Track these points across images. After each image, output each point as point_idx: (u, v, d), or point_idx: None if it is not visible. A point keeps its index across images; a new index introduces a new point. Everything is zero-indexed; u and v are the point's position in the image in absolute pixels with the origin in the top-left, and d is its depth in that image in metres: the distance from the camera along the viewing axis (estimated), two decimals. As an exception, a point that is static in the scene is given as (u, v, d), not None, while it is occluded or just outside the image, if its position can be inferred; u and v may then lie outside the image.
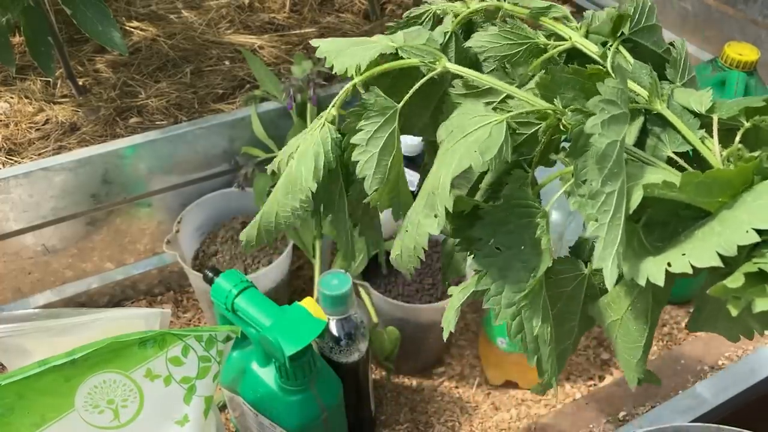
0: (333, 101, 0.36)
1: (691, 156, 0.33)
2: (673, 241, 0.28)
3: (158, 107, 0.93)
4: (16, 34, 1.07)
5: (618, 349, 0.34)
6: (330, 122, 0.35)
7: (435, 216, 0.31)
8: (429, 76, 0.34)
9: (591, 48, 0.36)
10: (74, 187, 0.80)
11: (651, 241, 0.29)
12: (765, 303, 0.24)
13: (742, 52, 0.75)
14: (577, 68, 0.32)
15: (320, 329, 0.56)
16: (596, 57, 0.36)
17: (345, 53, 0.35)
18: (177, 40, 1.08)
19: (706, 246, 0.26)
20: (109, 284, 0.87)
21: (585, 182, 0.27)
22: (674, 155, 0.32)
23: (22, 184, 0.77)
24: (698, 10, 1.14)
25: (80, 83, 0.97)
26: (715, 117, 0.32)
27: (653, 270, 0.27)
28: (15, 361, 0.57)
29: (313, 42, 0.38)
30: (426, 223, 0.31)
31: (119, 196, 0.83)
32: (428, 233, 0.31)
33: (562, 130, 0.32)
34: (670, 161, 0.32)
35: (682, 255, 0.26)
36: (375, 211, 0.39)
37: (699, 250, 0.26)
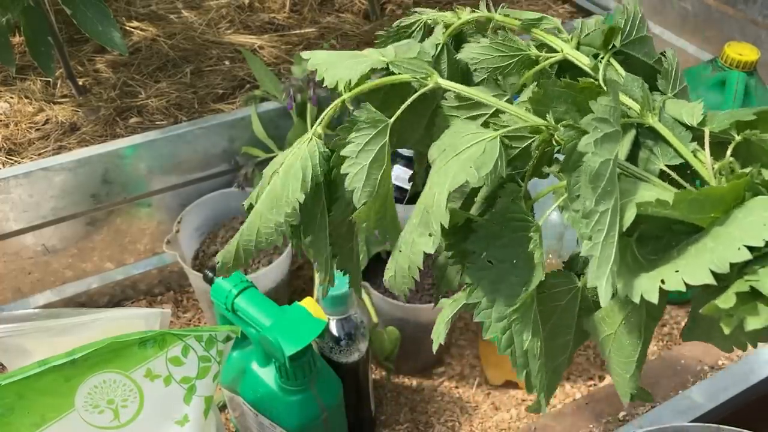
0: (321, 117, 0.35)
1: (684, 167, 0.33)
2: (666, 255, 0.28)
3: (158, 107, 0.93)
4: (16, 34, 1.07)
5: (611, 364, 0.34)
6: (318, 137, 0.34)
7: (430, 234, 0.30)
8: (420, 92, 0.34)
9: (582, 60, 0.36)
10: (74, 187, 0.80)
11: (644, 254, 0.29)
12: (756, 321, 0.25)
13: (742, 52, 0.76)
14: (569, 82, 0.32)
15: (320, 329, 0.56)
16: (588, 69, 0.36)
17: (336, 67, 0.35)
18: (177, 40, 1.08)
19: (699, 263, 0.26)
20: (109, 284, 0.87)
21: (578, 197, 0.27)
22: (667, 168, 0.32)
23: (22, 184, 0.77)
24: (698, 10, 1.14)
25: (80, 83, 0.97)
26: (706, 130, 0.32)
27: (647, 287, 0.27)
28: (15, 361, 0.57)
29: (303, 54, 0.37)
30: (420, 242, 0.31)
31: (119, 196, 0.83)
32: (423, 252, 0.31)
33: (554, 144, 0.32)
34: (662, 174, 0.32)
35: (676, 272, 0.26)
36: (354, 239, 0.39)
37: (692, 267, 0.26)
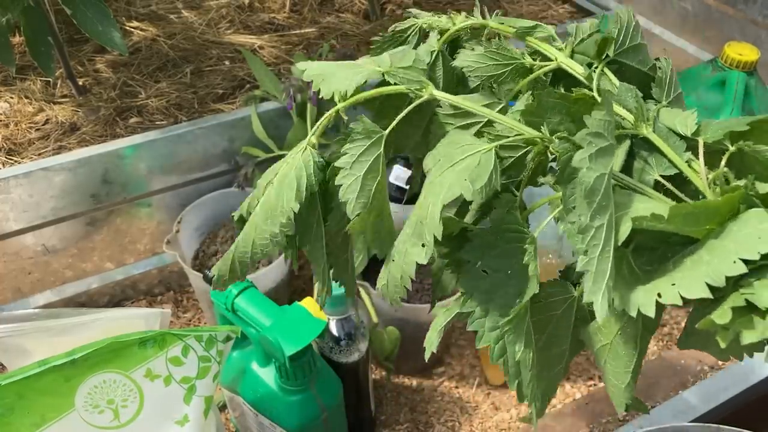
0: (315, 126, 0.35)
1: (679, 177, 0.33)
2: (662, 266, 0.28)
3: (158, 107, 0.93)
4: (16, 34, 1.07)
5: (606, 374, 0.34)
6: (312, 146, 0.34)
7: (423, 245, 0.30)
8: (415, 103, 0.34)
9: (577, 69, 0.36)
10: (74, 187, 0.80)
11: (640, 265, 0.29)
12: (752, 335, 0.25)
13: (742, 52, 0.76)
14: (562, 93, 0.32)
15: (320, 329, 0.56)
16: (582, 78, 0.36)
17: (332, 78, 0.35)
18: (177, 40, 1.08)
19: (695, 276, 0.26)
20: (109, 284, 0.87)
21: (574, 209, 0.27)
22: (661, 179, 0.32)
23: (22, 184, 0.77)
24: (698, 10, 1.14)
25: (80, 83, 0.97)
26: (700, 140, 0.32)
27: (644, 301, 0.27)
28: (15, 361, 0.57)
29: (299, 65, 0.37)
30: (413, 252, 0.31)
31: (119, 196, 0.83)
32: (416, 263, 0.31)
33: (549, 155, 0.32)
34: (657, 185, 0.32)
35: (672, 285, 0.26)
36: (350, 251, 0.39)
37: (688, 280, 0.26)
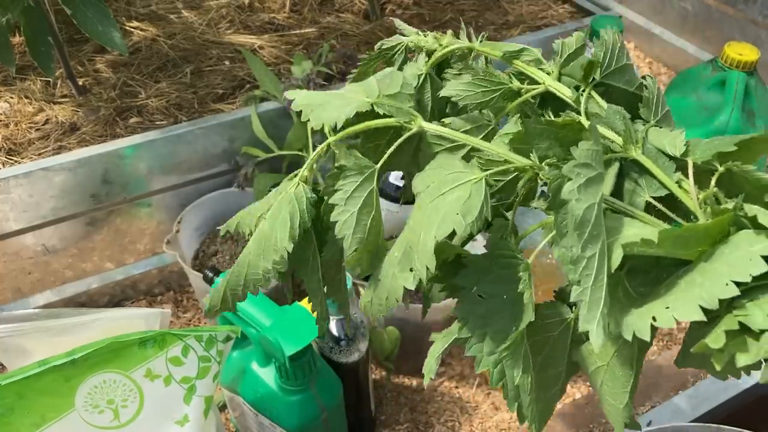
0: (307, 162, 0.35)
1: (670, 198, 0.33)
2: (656, 288, 0.29)
3: (158, 107, 0.93)
4: (16, 34, 1.07)
5: (603, 395, 0.34)
6: (304, 181, 0.34)
7: (411, 270, 0.31)
8: (405, 136, 0.34)
9: (564, 92, 0.36)
10: (74, 187, 0.80)
11: (635, 287, 0.29)
12: (746, 357, 0.25)
13: (742, 52, 0.76)
14: (549, 120, 0.33)
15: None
16: (570, 101, 0.36)
17: (321, 109, 0.35)
18: (177, 40, 1.08)
19: (688, 298, 0.26)
20: (109, 284, 0.87)
21: (566, 234, 0.27)
22: (652, 200, 0.32)
23: (22, 184, 0.77)
24: (698, 10, 1.14)
25: (80, 83, 0.97)
26: (689, 161, 0.32)
27: (639, 325, 0.27)
28: (15, 361, 0.57)
29: (288, 94, 0.37)
30: (402, 277, 0.31)
31: (119, 196, 0.83)
32: (403, 287, 0.31)
33: (540, 181, 0.32)
34: (648, 206, 0.32)
35: (666, 308, 0.26)
36: (342, 272, 0.39)
37: (682, 303, 0.26)
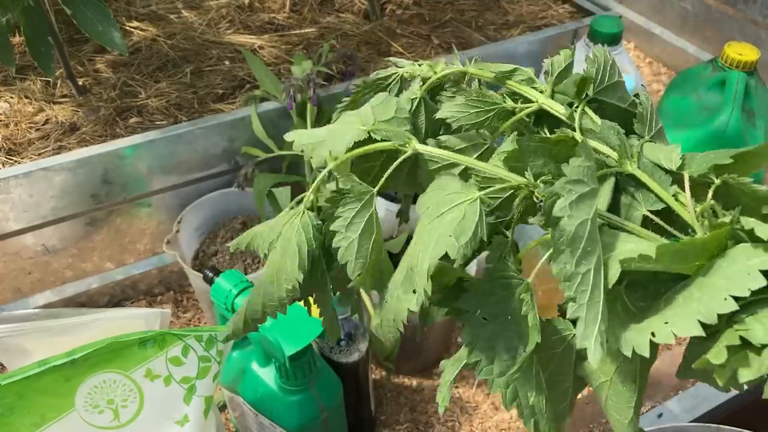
0: (311, 189, 0.36)
1: (667, 212, 0.33)
2: (656, 302, 0.29)
3: (158, 107, 0.93)
4: (16, 34, 1.07)
5: (609, 410, 0.34)
6: (309, 208, 0.35)
7: (414, 291, 0.31)
8: (401, 159, 0.35)
9: (558, 109, 0.37)
10: (74, 187, 0.80)
11: (634, 301, 0.29)
12: (749, 373, 0.25)
13: (742, 52, 0.76)
14: (543, 137, 0.33)
15: (320, 329, 0.56)
16: (564, 118, 0.36)
17: (321, 146, 0.36)
18: (177, 40, 1.08)
19: (687, 313, 0.26)
20: (109, 284, 0.87)
21: (563, 251, 0.27)
22: (650, 214, 0.32)
23: (22, 184, 0.77)
24: (698, 10, 1.14)
25: (80, 83, 0.97)
26: (686, 174, 0.32)
27: (638, 341, 0.27)
28: (15, 361, 0.57)
29: (286, 136, 0.38)
30: (405, 299, 0.32)
31: (119, 196, 0.83)
32: (408, 309, 0.32)
33: (536, 201, 0.33)
34: (645, 220, 0.32)
35: (665, 323, 0.26)
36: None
37: (681, 319, 0.26)
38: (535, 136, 0.33)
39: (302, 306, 0.58)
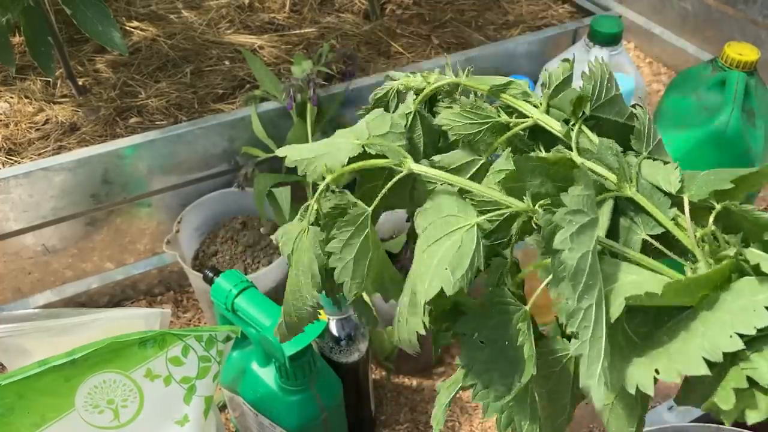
0: (312, 202, 0.36)
1: (667, 236, 0.32)
2: (657, 330, 0.28)
3: (158, 107, 0.93)
4: (16, 34, 1.07)
5: (610, 427, 0.34)
6: (313, 223, 0.36)
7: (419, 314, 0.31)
8: (396, 178, 0.35)
9: (554, 126, 0.36)
10: (74, 187, 0.80)
11: (635, 327, 0.29)
12: (756, 415, 0.24)
13: (742, 52, 0.75)
14: (540, 156, 0.32)
15: (320, 329, 0.57)
16: (560, 135, 0.36)
17: (316, 161, 0.36)
18: (177, 40, 1.08)
19: (691, 349, 0.26)
20: (109, 284, 0.87)
21: (564, 278, 0.27)
22: (649, 238, 0.32)
23: (22, 184, 0.77)
24: (698, 10, 1.14)
25: (80, 83, 0.97)
26: (685, 198, 0.31)
27: (642, 379, 0.27)
28: (15, 361, 0.57)
29: (278, 152, 0.38)
30: (413, 322, 0.32)
31: (119, 196, 0.83)
32: (416, 331, 0.32)
33: (534, 226, 0.32)
34: (645, 243, 0.32)
35: (669, 359, 0.26)
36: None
37: (685, 356, 0.26)
38: (533, 155, 0.32)
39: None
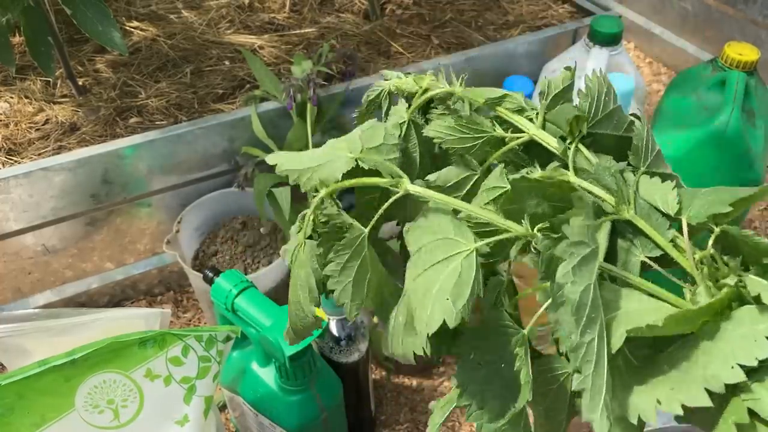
0: (306, 216, 0.35)
1: (666, 257, 0.32)
2: (657, 355, 0.28)
3: (158, 107, 0.93)
4: (16, 34, 1.07)
5: None
6: (309, 237, 0.35)
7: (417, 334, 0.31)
8: (391, 200, 0.34)
9: (550, 142, 0.36)
10: (74, 187, 0.80)
11: (634, 350, 0.29)
12: None
13: (742, 52, 0.75)
14: (537, 179, 0.32)
15: (320, 329, 0.56)
16: (556, 151, 0.35)
17: (309, 171, 0.36)
18: (177, 40, 1.08)
19: (692, 379, 0.25)
20: (109, 284, 0.87)
21: (563, 303, 0.26)
22: (648, 260, 0.31)
23: (22, 184, 0.77)
24: (698, 10, 1.14)
25: (80, 83, 0.97)
26: (684, 220, 0.31)
27: (644, 408, 0.26)
28: (15, 361, 0.57)
29: (269, 159, 0.38)
30: (409, 342, 0.32)
31: (119, 196, 0.83)
32: (414, 351, 0.32)
33: (533, 249, 0.32)
34: (644, 265, 0.32)
35: (671, 389, 0.26)
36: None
37: (687, 386, 0.26)
38: (528, 177, 0.32)
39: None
